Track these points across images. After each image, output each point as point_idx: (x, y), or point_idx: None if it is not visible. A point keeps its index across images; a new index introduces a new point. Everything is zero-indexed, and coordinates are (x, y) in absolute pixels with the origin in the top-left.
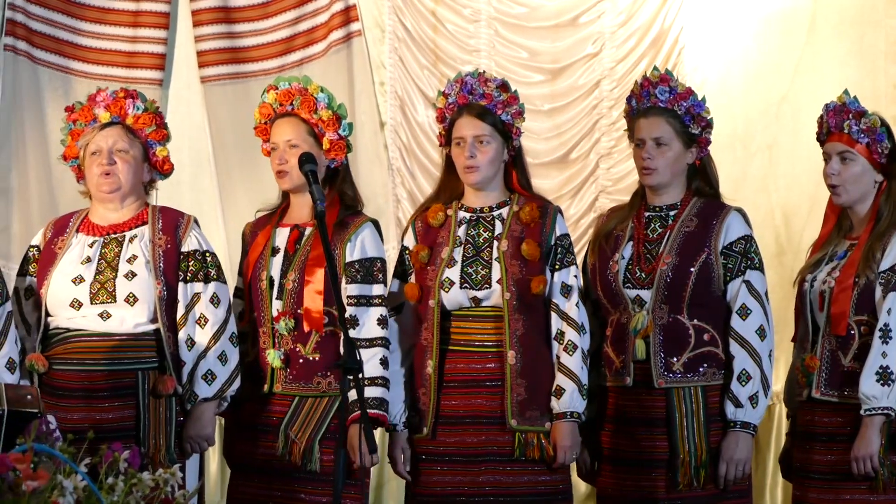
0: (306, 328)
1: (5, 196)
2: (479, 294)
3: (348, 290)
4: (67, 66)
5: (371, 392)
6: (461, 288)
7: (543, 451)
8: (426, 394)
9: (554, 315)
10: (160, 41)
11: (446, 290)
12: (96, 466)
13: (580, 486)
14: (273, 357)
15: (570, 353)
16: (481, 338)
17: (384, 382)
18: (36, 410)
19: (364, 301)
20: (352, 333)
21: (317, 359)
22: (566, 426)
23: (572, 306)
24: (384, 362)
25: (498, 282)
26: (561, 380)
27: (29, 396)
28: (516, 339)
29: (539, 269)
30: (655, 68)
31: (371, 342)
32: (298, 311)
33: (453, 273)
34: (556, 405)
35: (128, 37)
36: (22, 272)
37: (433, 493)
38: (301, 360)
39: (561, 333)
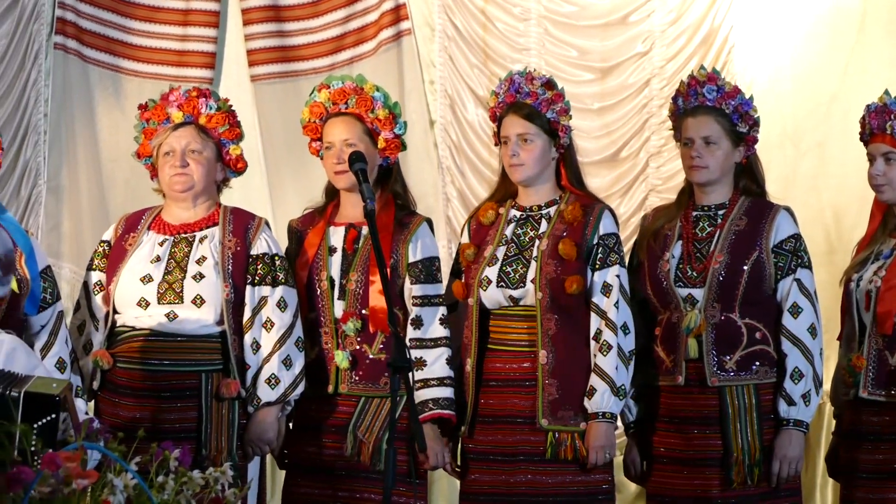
0: (372, 329)
1: (56, 194)
2: (515, 293)
3: (413, 290)
4: (117, 64)
5: (440, 392)
6: (498, 287)
7: (577, 451)
8: (466, 392)
9: (593, 315)
10: (210, 40)
11: (484, 288)
12: (147, 465)
13: (629, 486)
14: (341, 358)
15: (605, 353)
16: (516, 337)
17: (452, 382)
18: (55, 395)
19: (427, 301)
20: (416, 334)
21: (383, 359)
22: (599, 426)
23: (611, 306)
24: (449, 362)
25: (532, 281)
26: (594, 380)
27: (54, 385)
28: (548, 338)
29: (575, 269)
30: (703, 67)
31: (436, 342)
32: (363, 311)
33: (492, 272)
34: (589, 405)
35: (178, 35)
36: (91, 267)
37: (474, 491)
38: (367, 361)
39: (599, 333)
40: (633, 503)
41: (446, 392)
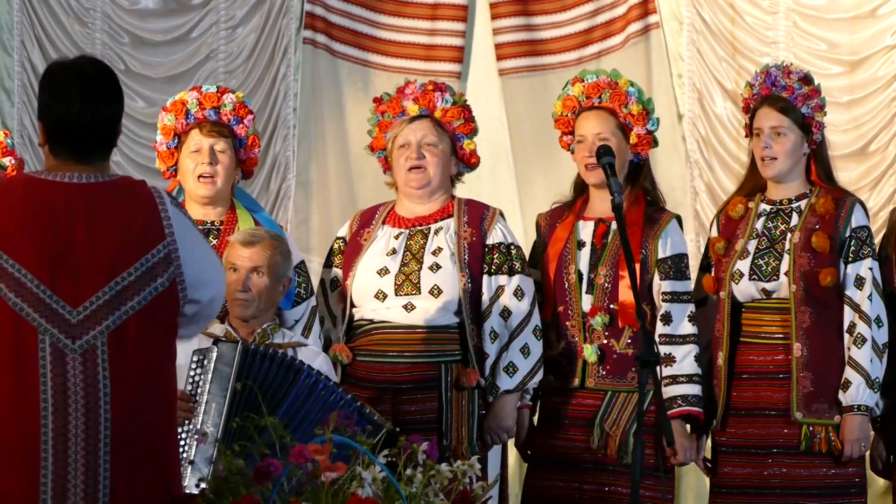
0: (620, 324)
1: (305, 189)
2: (768, 286)
3: (662, 286)
4: (366, 59)
5: (689, 389)
6: (750, 280)
7: (831, 444)
8: (717, 385)
9: (846, 307)
10: (458, 34)
11: (736, 281)
12: (395, 458)
13: (877, 482)
14: (589, 352)
15: (860, 345)
16: (770, 330)
17: (700, 379)
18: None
19: (676, 297)
20: (666, 330)
21: (630, 353)
22: (854, 419)
23: (864, 298)
24: (697, 359)
25: (786, 274)
26: (848, 373)
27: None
28: (803, 331)
29: (829, 262)
30: None
31: (685, 339)
32: (611, 306)
33: (744, 265)
34: (844, 398)
35: (426, 29)
36: (328, 264)
37: (727, 484)
38: (615, 355)
39: (852, 326)
40: (881, 498)
41: (695, 389)
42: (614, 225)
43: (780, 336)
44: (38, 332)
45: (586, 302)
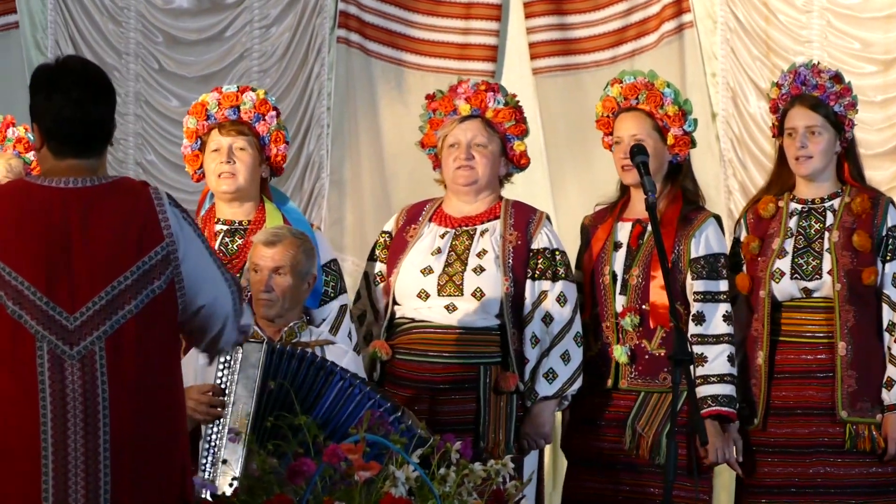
0: (652, 324)
1: (338, 188)
2: (810, 285)
3: (694, 286)
4: (400, 58)
5: (721, 389)
6: (792, 279)
7: (874, 442)
8: (757, 385)
9: (885, 306)
10: (492, 33)
11: (777, 280)
12: (428, 457)
13: None
14: (620, 353)
15: None
16: (812, 329)
17: (732, 379)
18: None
19: (710, 297)
20: (698, 329)
21: (662, 354)
22: None
23: None
24: (731, 359)
25: (829, 273)
26: (891, 370)
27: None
28: (847, 329)
29: (870, 261)
30: None
31: (718, 339)
32: (643, 306)
33: (784, 264)
34: (887, 396)
35: (460, 28)
36: (372, 257)
37: (764, 484)
38: (647, 356)
39: (892, 324)
40: None
41: (727, 389)
42: (650, 225)
43: (823, 335)
44: (36, 339)
45: (619, 303)
